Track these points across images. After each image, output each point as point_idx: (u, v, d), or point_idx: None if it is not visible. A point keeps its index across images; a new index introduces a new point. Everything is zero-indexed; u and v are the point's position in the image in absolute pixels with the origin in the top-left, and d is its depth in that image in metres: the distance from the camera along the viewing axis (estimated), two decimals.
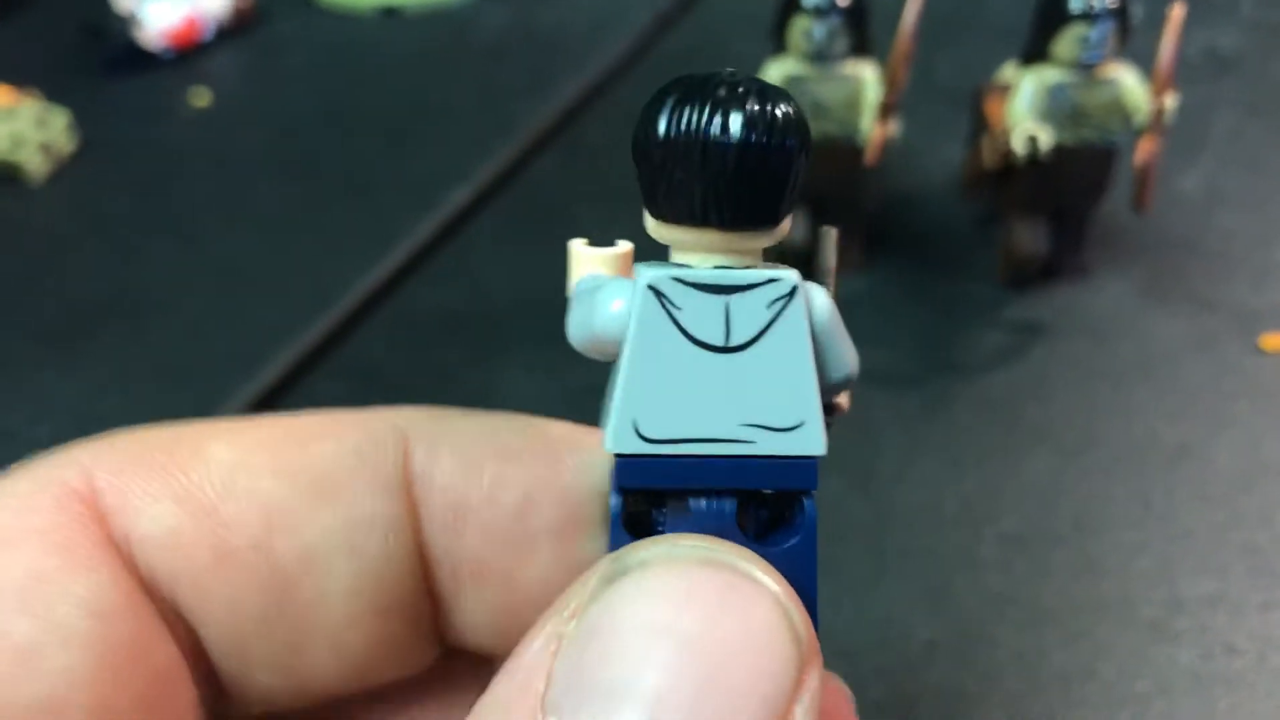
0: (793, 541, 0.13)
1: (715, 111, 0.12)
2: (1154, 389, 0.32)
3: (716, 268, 0.13)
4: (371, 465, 0.15)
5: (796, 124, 0.12)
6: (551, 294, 0.36)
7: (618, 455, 0.13)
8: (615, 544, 0.12)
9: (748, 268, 0.12)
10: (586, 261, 0.14)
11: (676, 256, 0.13)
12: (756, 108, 0.12)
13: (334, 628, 0.15)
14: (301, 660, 0.15)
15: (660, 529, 0.13)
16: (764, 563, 0.12)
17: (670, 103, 0.12)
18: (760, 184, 0.12)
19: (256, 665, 0.15)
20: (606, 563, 0.12)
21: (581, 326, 0.13)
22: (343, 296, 0.36)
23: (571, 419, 0.33)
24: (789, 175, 0.12)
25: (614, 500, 0.13)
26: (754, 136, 0.12)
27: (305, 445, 0.15)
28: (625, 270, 0.14)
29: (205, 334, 0.36)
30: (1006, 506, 0.29)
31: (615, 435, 0.13)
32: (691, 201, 0.12)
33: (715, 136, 0.12)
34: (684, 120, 0.12)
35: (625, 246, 0.14)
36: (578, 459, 0.16)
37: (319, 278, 0.37)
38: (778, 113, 0.12)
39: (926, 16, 0.30)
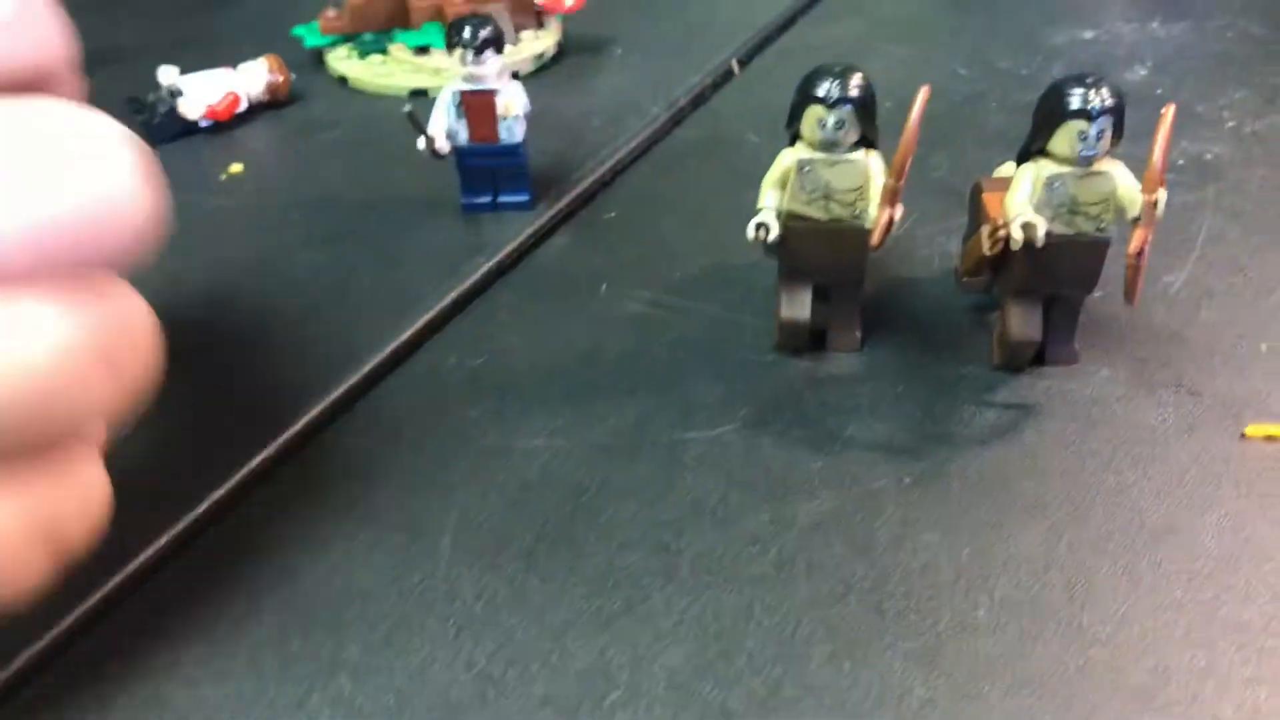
0: None
1: None
2: (1142, 471, 0.33)
3: None
4: None
5: None
6: (567, 360, 0.38)
7: None
8: None
9: None
10: None
11: None
12: None
13: None
14: None
15: None
16: None
17: None
18: None
19: None
20: None
21: None
22: (369, 357, 0.37)
23: (590, 476, 0.34)
24: None
25: None
26: None
27: None
28: None
29: (236, 390, 0.37)
30: (1000, 574, 0.30)
31: None
32: None
33: None
34: None
35: None
36: None
37: (346, 340, 0.38)
38: None
39: (927, 120, 0.32)
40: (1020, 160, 0.34)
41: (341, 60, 0.58)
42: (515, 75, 0.57)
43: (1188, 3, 0.67)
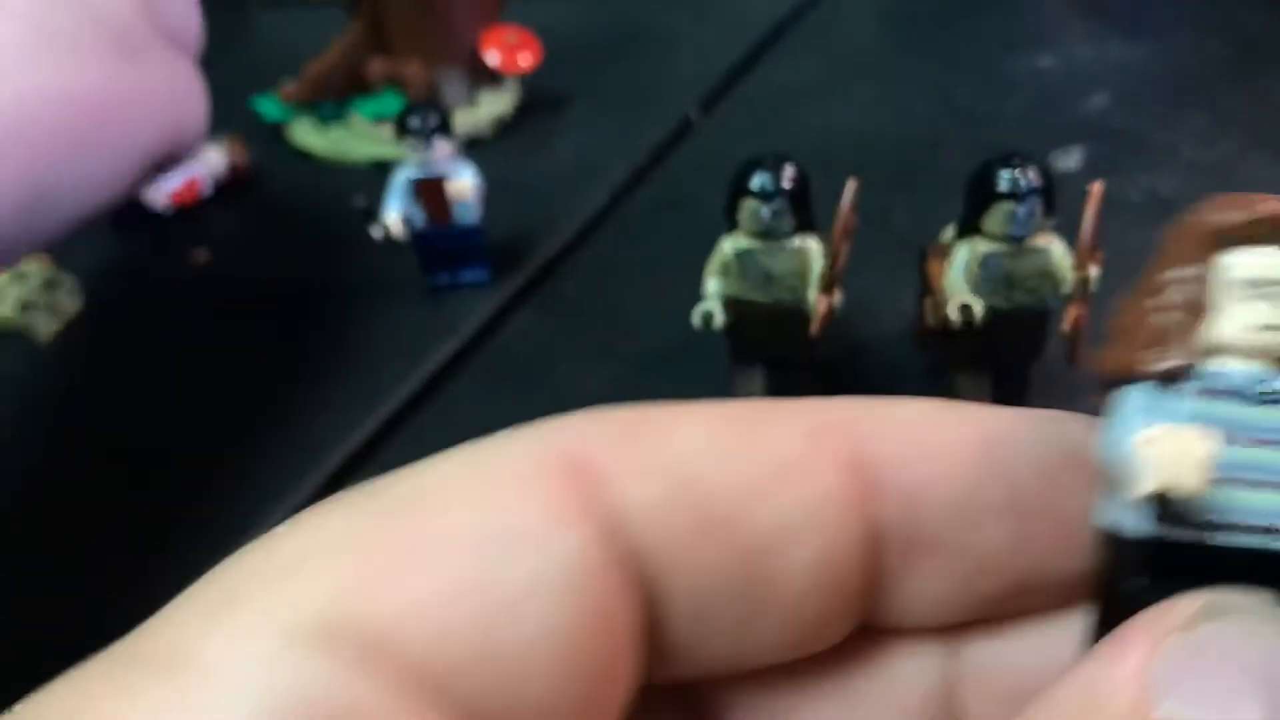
0: None
1: None
2: None
3: None
4: (826, 447, 0.16)
5: None
6: None
7: None
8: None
9: None
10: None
11: None
12: None
13: (789, 602, 0.16)
14: (750, 633, 0.16)
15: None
16: None
17: None
18: None
19: (710, 636, 0.16)
20: (1206, 598, 0.13)
21: None
22: (332, 452, 0.38)
23: None
24: None
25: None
26: None
27: (765, 427, 0.16)
28: None
29: (200, 489, 0.38)
30: None
31: None
32: None
33: None
34: None
35: None
36: (1020, 438, 0.16)
37: (311, 436, 0.39)
38: None
39: (883, 165, 0.33)
40: (959, 234, 0.34)
41: (302, 132, 0.59)
42: (474, 141, 0.57)
43: (1146, 17, 0.67)
